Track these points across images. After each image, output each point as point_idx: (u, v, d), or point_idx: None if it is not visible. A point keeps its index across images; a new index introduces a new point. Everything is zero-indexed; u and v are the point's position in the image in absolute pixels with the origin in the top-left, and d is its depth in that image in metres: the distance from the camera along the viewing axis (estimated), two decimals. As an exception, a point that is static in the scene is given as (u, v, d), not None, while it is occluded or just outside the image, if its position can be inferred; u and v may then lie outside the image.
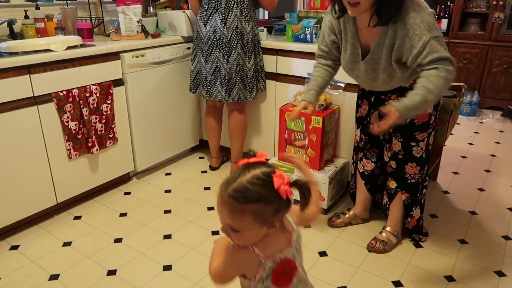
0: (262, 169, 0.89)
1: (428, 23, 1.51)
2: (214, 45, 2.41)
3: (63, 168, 2.21)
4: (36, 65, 1.99)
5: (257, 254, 0.93)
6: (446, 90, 1.56)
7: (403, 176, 1.92)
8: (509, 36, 3.95)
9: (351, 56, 1.73)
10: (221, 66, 2.43)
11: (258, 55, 2.54)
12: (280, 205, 0.88)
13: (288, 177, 0.89)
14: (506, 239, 2.10)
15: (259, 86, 2.60)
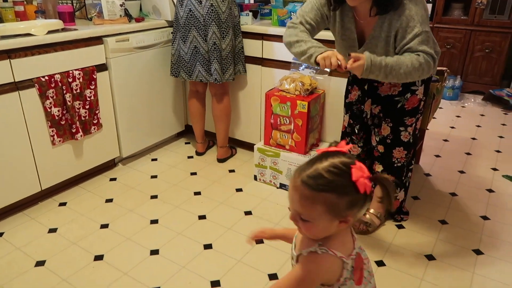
0: (342, 159, 0.83)
1: (422, 17, 1.56)
2: (191, 25, 2.39)
3: (46, 155, 2.19)
4: (16, 50, 1.94)
5: (340, 257, 0.86)
6: (415, 77, 1.59)
7: (390, 160, 1.96)
8: (491, 21, 4.01)
9: (349, 41, 1.75)
10: (199, 45, 2.42)
11: (238, 37, 2.53)
12: (356, 199, 0.82)
13: (368, 171, 0.82)
14: (484, 219, 2.17)
15: (238, 68, 2.59)
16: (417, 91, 1.81)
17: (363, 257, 0.91)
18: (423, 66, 1.54)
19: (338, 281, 0.87)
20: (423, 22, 1.56)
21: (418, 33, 1.55)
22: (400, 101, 1.82)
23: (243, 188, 2.46)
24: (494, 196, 2.39)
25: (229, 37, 2.43)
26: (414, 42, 1.56)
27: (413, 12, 1.55)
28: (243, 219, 2.15)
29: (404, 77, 1.56)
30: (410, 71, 1.54)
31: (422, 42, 1.56)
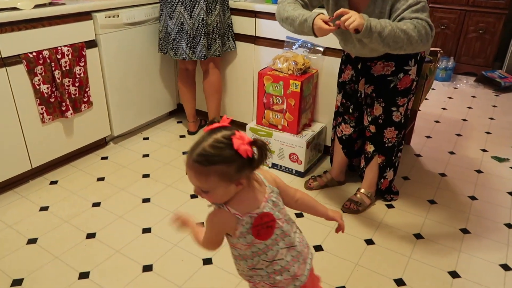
0: (223, 133, 0.94)
1: None
2: (177, 0, 2.34)
3: (36, 133, 2.16)
4: (2, 25, 1.89)
5: (233, 213, 0.99)
6: (412, 42, 1.47)
7: (381, 140, 1.97)
8: (485, 1, 3.98)
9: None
10: (185, 21, 2.37)
11: (226, 12, 2.48)
12: (243, 164, 0.93)
13: (248, 137, 0.94)
14: (472, 199, 2.21)
15: (229, 45, 2.56)
16: (410, 71, 1.81)
17: (275, 217, 1.03)
18: (421, 33, 1.47)
19: (235, 235, 1.01)
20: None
21: (412, 3, 1.51)
22: (393, 81, 1.82)
23: (235, 167, 2.46)
24: (483, 177, 2.43)
25: (215, 12, 2.39)
26: (408, 11, 1.51)
27: None
28: (235, 198, 2.16)
29: (400, 43, 1.46)
30: (407, 37, 1.46)
31: (417, 10, 1.50)
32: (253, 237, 1.02)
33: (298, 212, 2.05)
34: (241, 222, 0.99)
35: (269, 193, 1.05)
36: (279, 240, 1.05)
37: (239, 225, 1.00)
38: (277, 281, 1.08)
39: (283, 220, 1.06)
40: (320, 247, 1.83)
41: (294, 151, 2.32)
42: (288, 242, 1.07)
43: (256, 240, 1.02)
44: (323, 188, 2.26)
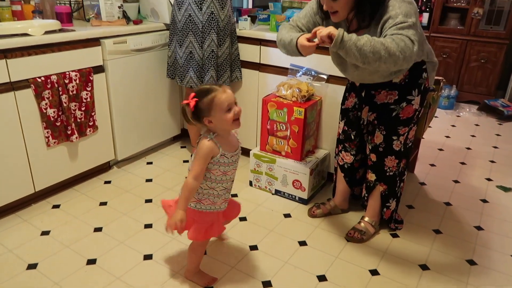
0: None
1: (405, 12, 1.52)
2: (189, 30, 2.39)
3: (41, 156, 2.17)
4: (12, 50, 1.93)
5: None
6: (388, 58, 1.44)
7: (382, 169, 1.96)
8: (487, 31, 4.05)
9: None
10: (195, 51, 2.42)
11: (234, 44, 2.53)
12: None
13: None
14: (478, 229, 2.18)
15: (236, 75, 2.60)
16: (413, 101, 1.81)
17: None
18: (397, 42, 1.44)
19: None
20: (407, 15, 1.51)
21: (398, 22, 1.50)
22: (395, 110, 1.83)
23: (238, 193, 2.45)
24: (488, 206, 2.40)
25: (226, 45, 2.44)
26: (393, 28, 1.49)
27: (396, 11, 1.52)
28: (238, 225, 2.14)
29: (378, 52, 1.43)
30: (384, 44, 1.44)
31: (402, 28, 1.48)
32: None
33: (301, 241, 2.02)
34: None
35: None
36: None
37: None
38: (216, 200, 1.58)
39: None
40: (323, 277, 1.80)
41: (298, 177, 2.31)
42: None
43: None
44: (327, 216, 2.24)
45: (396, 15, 1.52)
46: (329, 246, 2.00)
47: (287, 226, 2.14)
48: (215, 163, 1.50)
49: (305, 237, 2.06)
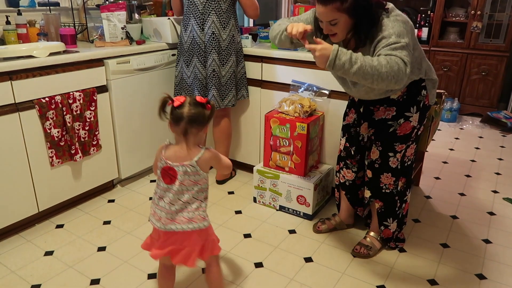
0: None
1: (398, 32, 1.52)
2: (193, 51, 2.44)
3: (45, 176, 2.17)
4: (17, 72, 1.96)
5: None
6: (383, 76, 1.45)
7: (377, 185, 1.93)
8: (486, 44, 4.07)
9: None
10: (198, 71, 2.45)
11: (240, 63, 2.56)
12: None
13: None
14: (486, 242, 2.15)
15: (242, 93, 2.62)
16: (411, 117, 1.79)
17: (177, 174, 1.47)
18: (391, 64, 1.45)
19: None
20: (399, 35, 1.51)
21: (391, 42, 1.50)
22: (393, 126, 1.81)
23: (242, 210, 2.44)
24: (496, 219, 2.37)
25: (229, 64, 2.46)
26: (386, 48, 1.50)
27: (389, 31, 1.52)
28: (242, 242, 2.12)
29: (370, 79, 1.46)
30: (378, 72, 1.45)
31: (395, 48, 1.49)
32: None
33: (307, 257, 2.00)
34: None
35: (190, 160, 1.44)
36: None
37: None
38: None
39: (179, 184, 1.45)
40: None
41: (302, 193, 2.30)
42: (168, 196, 1.47)
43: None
44: (332, 232, 2.21)
45: (389, 35, 1.52)
46: (335, 262, 1.98)
47: (292, 242, 2.12)
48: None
49: (310, 253, 2.04)
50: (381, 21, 1.57)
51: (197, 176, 1.45)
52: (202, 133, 1.48)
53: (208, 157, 1.47)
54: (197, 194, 1.47)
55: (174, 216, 1.46)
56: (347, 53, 1.46)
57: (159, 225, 1.48)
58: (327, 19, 1.56)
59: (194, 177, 1.44)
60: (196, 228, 1.46)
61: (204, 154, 1.46)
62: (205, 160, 1.46)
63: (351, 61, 1.45)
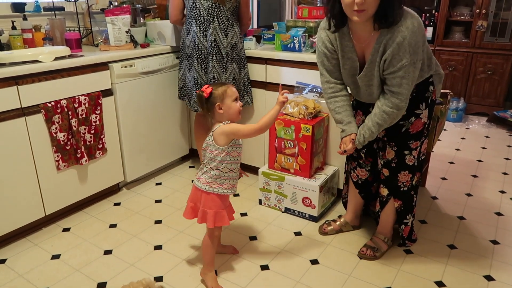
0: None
1: (414, 46, 1.56)
2: (194, 56, 2.44)
3: (51, 180, 2.19)
4: (23, 76, 1.97)
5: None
6: (390, 123, 1.74)
7: (396, 184, 1.94)
8: (492, 43, 4.05)
9: (351, 69, 1.77)
10: (198, 77, 2.46)
11: (243, 69, 2.55)
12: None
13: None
14: (494, 243, 2.13)
15: (246, 99, 2.62)
16: (421, 114, 1.80)
17: None
18: (392, 117, 1.70)
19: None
20: (414, 51, 1.56)
21: (404, 64, 1.57)
22: (405, 125, 1.82)
23: (247, 212, 2.44)
24: (503, 220, 2.35)
25: (229, 71, 2.46)
26: (395, 76, 1.61)
27: (406, 42, 1.54)
28: (248, 244, 2.12)
29: (381, 128, 1.75)
30: (385, 123, 1.73)
31: (404, 76, 1.60)
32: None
33: (313, 259, 1.99)
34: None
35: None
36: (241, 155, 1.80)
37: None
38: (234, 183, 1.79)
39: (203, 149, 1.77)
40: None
41: (307, 195, 2.29)
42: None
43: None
44: (338, 233, 2.20)
45: (404, 55, 1.56)
46: (341, 264, 1.97)
47: (298, 245, 2.12)
48: (234, 146, 1.71)
49: (316, 255, 2.03)
50: (403, 16, 1.55)
51: (212, 146, 1.69)
52: (218, 112, 1.68)
53: (219, 131, 1.67)
54: (209, 162, 1.72)
55: (198, 172, 1.80)
56: (360, 135, 1.78)
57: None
58: None
59: (211, 147, 1.70)
60: (198, 186, 1.75)
61: (218, 128, 1.68)
62: (217, 133, 1.68)
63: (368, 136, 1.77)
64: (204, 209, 1.74)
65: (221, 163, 1.70)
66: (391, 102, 1.67)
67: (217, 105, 1.67)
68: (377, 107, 1.73)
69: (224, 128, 1.67)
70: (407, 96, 1.66)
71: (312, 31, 2.59)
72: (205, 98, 1.67)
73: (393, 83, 1.64)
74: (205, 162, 1.74)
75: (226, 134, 1.67)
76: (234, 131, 1.68)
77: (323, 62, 1.83)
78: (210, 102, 1.68)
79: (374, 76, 1.69)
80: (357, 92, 1.87)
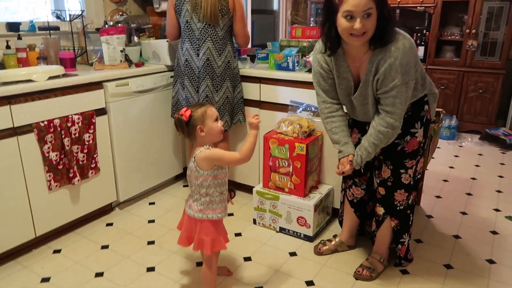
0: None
1: (406, 66, 1.58)
2: (185, 74, 2.45)
3: (42, 200, 2.15)
4: (16, 96, 1.96)
5: None
6: (386, 143, 1.75)
7: (392, 203, 1.93)
8: (482, 62, 4.11)
9: (346, 89, 1.79)
10: (190, 96, 2.46)
11: (237, 88, 2.56)
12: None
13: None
14: (490, 262, 2.12)
15: (238, 118, 2.62)
16: (416, 133, 1.81)
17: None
18: (388, 137, 1.71)
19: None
20: (406, 71, 1.59)
21: (397, 84, 1.59)
22: (400, 144, 1.82)
23: (242, 232, 2.41)
24: (499, 238, 2.34)
25: (223, 90, 2.46)
26: (388, 95, 1.63)
27: (398, 62, 1.56)
28: (243, 265, 2.09)
29: (378, 148, 1.76)
30: (381, 143, 1.74)
31: (397, 96, 1.61)
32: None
33: (308, 280, 1.96)
34: None
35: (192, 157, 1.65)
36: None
37: None
38: (225, 205, 1.73)
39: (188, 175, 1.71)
40: (333, 318, 1.73)
41: (302, 214, 2.27)
42: None
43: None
44: (333, 253, 2.18)
45: (396, 75, 1.58)
46: (337, 285, 1.94)
47: (293, 265, 2.09)
48: (219, 168, 1.65)
49: (312, 276, 2.00)
50: (390, 45, 1.57)
51: (197, 172, 1.63)
52: (199, 135, 1.62)
53: (202, 156, 1.61)
54: (198, 189, 1.66)
55: (189, 200, 1.73)
56: (358, 156, 1.79)
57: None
58: (365, 7, 1.49)
59: (195, 173, 1.64)
60: (191, 215, 1.69)
61: (200, 153, 1.62)
62: (200, 158, 1.62)
63: (365, 157, 1.77)
64: (201, 236, 1.68)
65: (210, 188, 1.65)
66: (385, 121, 1.68)
67: (198, 128, 1.60)
68: (372, 127, 1.73)
69: (206, 153, 1.61)
70: (401, 116, 1.67)
71: (306, 51, 2.61)
72: (184, 122, 1.59)
73: (386, 103, 1.65)
74: (194, 190, 1.68)
75: (208, 160, 1.61)
76: (217, 158, 1.62)
77: (319, 82, 1.84)
78: (191, 125, 1.60)
79: (369, 96, 1.70)
80: (353, 111, 1.88)
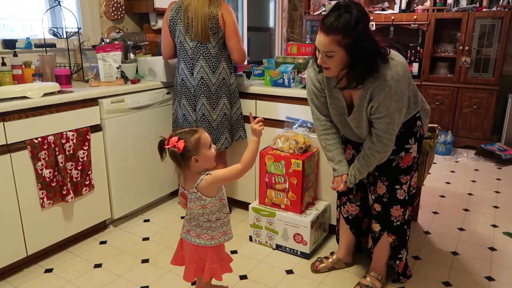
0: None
1: (400, 94, 1.60)
2: (182, 93, 2.46)
3: (35, 218, 2.12)
4: (10, 113, 1.95)
5: None
6: (381, 160, 1.77)
7: (388, 219, 1.92)
8: (476, 78, 4.16)
9: (338, 108, 1.80)
10: (188, 114, 2.47)
11: (234, 105, 2.56)
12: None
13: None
14: (489, 279, 2.09)
15: (239, 134, 2.62)
16: (411, 149, 1.81)
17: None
18: (382, 156, 1.73)
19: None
20: (400, 99, 1.61)
21: (390, 111, 1.62)
22: (395, 160, 1.82)
23: (238, 249, 2.37)
24: (497, 255, 2.32)
25: (219, 107, 2.46)
26: (382, 121, 1.65)
27: (392, 91, 1.58)
28: (239, 284, 2.05)
29: (371, 168, 1.80)
30: (371, 165, 1.77)
31: (390, 122, 1.64)
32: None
33: (305, 299, 1.93)
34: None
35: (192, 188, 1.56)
36: None
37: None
38: (226, 229, 1.67)
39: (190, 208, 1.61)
40: (331, 339, 1.69)
41: (299, 231, 2.25)
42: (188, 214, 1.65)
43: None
44: (330, 271, 2.15)
45: (390, 103, 1.60)
46: (335, 304, 1.90)
47: (290, 283, 2.05)
48: (220, 191, 1.60)
49: (309, 295, 1.97)
50: (382, 70, 1.58)
51: (203, 201, 1.56)
52: (194, 163, 1.52)
53: (205, 185, 1.54)
54: (208, 216, 1.59)
55: (190, 229, 1.65)
56: (351, 176, 1.82)
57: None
58: (325, 49, 1.55)
59: (200, 202, 1.56)
60: (196, 243, 1.62)
61: (201, 181, 1.54)
62: (203, 188, 1.54)
63: (358, 176, 1.81)
64: (212, 265, 1.63)
65: (219, 212, 1.61)
66: (378, 144, 1.70)
67: (193, 158, 1.51)
68: (365, 148, 1.75)
69: (209, 179, 1.54)
70: (393, 139, 1.70)
71: (301, 67, 2.63)
72: (179, 154, 1.49)
73: (379, 127, 1.68)
74: (201, 220, 1.61)
75: (213, 185, 1.55)
76: (222, 179, 1.57)
77: (313, 100, 1.86)
78: (185, 156, 1.50)
79: (363, 119, 1.72)
80: (345, 131, 1.89)
